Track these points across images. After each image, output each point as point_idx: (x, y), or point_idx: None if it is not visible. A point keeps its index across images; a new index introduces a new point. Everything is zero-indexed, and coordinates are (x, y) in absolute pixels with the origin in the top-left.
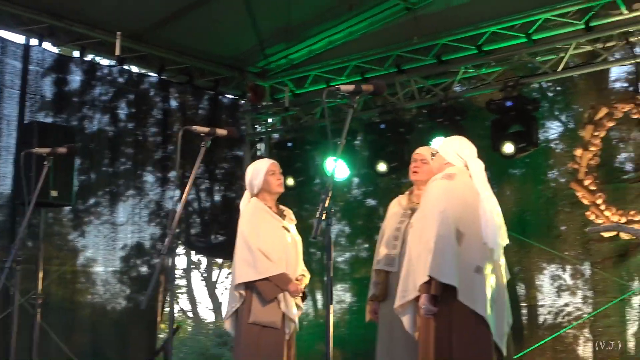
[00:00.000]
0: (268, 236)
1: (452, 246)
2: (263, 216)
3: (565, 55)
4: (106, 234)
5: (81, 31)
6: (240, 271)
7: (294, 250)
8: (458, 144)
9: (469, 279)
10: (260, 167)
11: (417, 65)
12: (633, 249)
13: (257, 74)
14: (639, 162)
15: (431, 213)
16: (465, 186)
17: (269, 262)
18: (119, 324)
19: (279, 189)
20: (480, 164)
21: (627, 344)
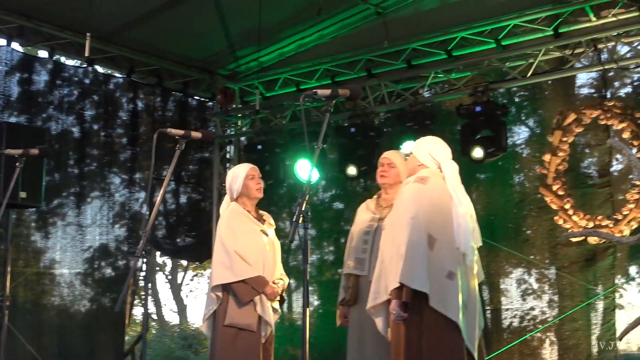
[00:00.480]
0: (245, 239)
1: (424, 252)
2: (241, 219)
3: (534, 61)
4: (71, 236)
5: (50, 32)
6: (217, 273)
7: (272, 254)
8: (432, 145)
9: (441, 285)
10: (240, 171)
11: (387, 70)
12: (600, 254)
13: (227, 77)
14: (606, 168)
15: (403, 217)
16: (438, 190)
17: (246, 264)
18: (85, 326)
19: (258, 193)
20: (454, 166)
21: (592, 348)
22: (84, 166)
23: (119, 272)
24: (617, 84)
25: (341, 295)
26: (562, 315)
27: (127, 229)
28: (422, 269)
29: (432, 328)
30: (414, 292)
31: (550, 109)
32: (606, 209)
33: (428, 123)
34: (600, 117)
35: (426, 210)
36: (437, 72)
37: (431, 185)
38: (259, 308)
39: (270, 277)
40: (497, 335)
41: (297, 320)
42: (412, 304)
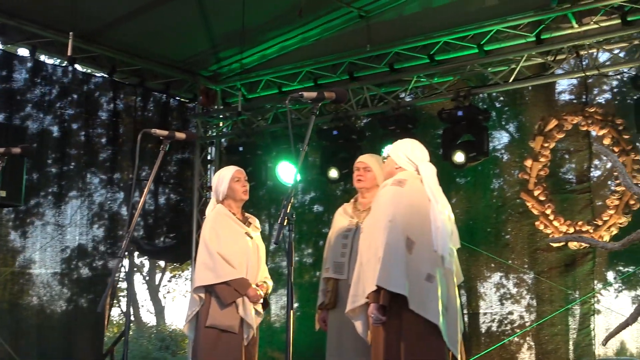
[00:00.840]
0: (228, 241)
1: (402, 255)
2: (225, 222)
3: (516, 66)
4: (49, 236)
5: (32, 30)
6: (200, 274)
7: (255, 257)
8: (410, 147)
9: (420, 287)
10: (225, 174)
11: (369, 73)
12: (580, 259)
13: (209, 78)
14: (586, 174)
15: (381, 220)
16: (415, 192)
17: (229, 266)
18: (64, 327)
19: (244, 196)
20: (431, 168)
21: (570, 353)
22: (63, 166)
23: (97, 273)
24: (597, 90)
25: (320, 299)
26: (541, 320)
27: (106, 230)
28: (400, 272)
29: (411, 331)
30: (393, 295)
31: (531, 114)
32: (586, 215)
33: (410, 127)
34: (581, 124)
35: (404, 213)
36: (419, 76)
37: (409, 188)
38: (241, 310)
39: (254, 280)
40: (476, 340)
41: (275, 322)
42: (391, 307)
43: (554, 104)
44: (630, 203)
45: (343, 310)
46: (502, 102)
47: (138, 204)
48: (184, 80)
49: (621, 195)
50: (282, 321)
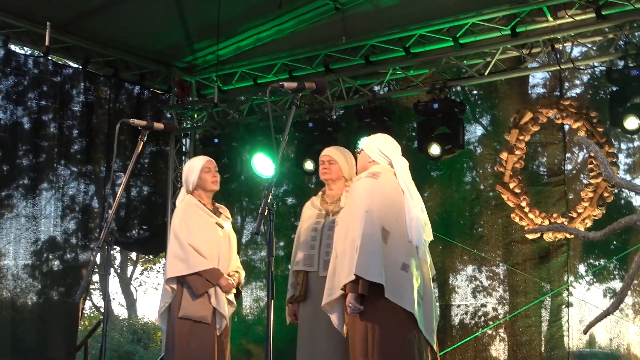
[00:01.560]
0: (199, 232)
1: (378, 245)
2: (195, 212)
3: (491, 59)
4: (19, 228)
5: (6, 20)
6: (171, 266)
7: (227, 247)
8: (382, 142)
9: (396, 277)
10: (196, 164)
11: (345, 65)
12: (554, 251)
13: (183, 69)
14: (560, 166)
15: (356, 211)
16: (390, 184)
17: (200, 257)
18: (36, 319)
19: (214, 186)
20: (404, 162)
21: (544, 344)
22: (34, 158)
23: (69, 265)
24: (572, 83)
25: (290, 293)
26: (515, 311)
27: (78, 222)
28: (377, 261)
29: (388, 320)
30: (370, 284)
31: (505, 108)
32: (561, 207)
33: (385, 119)
34: (556, 117)
35: (379, 204)
36: (395, 69)
37: (383, 180)
38: (213, 300)
39: (225, 270)
40: (449, 332)
41: (248, 315)
42: (368, 296)
43: (527, 97)
44: (604, 195)
45: (314, 303)
46: (476, 96)
47: (113, 195)
48: (159, 72)
49: (595, 188)
50: (256, 313)
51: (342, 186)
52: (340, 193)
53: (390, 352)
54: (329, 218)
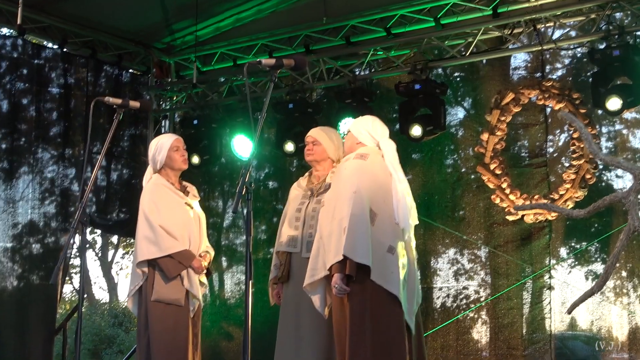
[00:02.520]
0: (169, 213)
1: (366, 226)
2: (164, 192)
3: (473, 40)
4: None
5: None
6: (142, 248)
7: (197, 227)
8: (371, 124)
9: (382, 259)
10: (164, 142)
11: (325, 46)
12: (536, 233)
13: (162, 50)
14: (542, 148)
15: (345, 192)
16: (378, 166)
17: (172, 239)
18: (15, 303)
19: (183, 165)
20: (392, 144)
21: (526, 326)
22: (13, 141)
23: (49, 249)
24: (553, 64)
25: (272, 274)
26: (497, 294)
27: (57, 206)
28: (365, 243)
29: (375, 302)
30: (357, 265)
31: (486, 89)
32: (542, 189)
33: (367, 100)
34: (538, 97)
35: (367, 186)
36: (376, 50)
37: (371, 162)
38: (186, 282)
39: (196, 251)
40: (431, 314)
41: (230, 298)
42: (355, 277)
43: (509, 78)
44: (586, 177)
45: (296, 284)
46: (457, 78)
47: (90, 177)
48: (137, 52)
49: (577, 170)
50: (237, 297)
51: (328, 167)
52: (327, 173)
53: (379, 335)
54: (314, 198)
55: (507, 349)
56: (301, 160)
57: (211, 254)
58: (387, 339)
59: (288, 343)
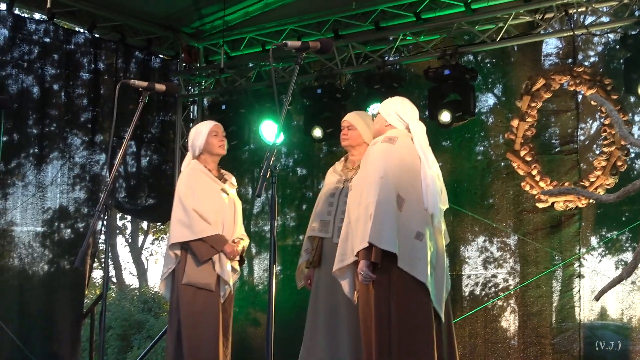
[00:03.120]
0: (204, 197)
1: (393, 212)
2: (200, 177)
3: (503, 25)
4: (30, 197)
5: None
6: (175, 231)
7: (231, 213)
8: (400, 105)
9: (410, 246)
10: (203, 128)
11: (354, 31)
12: (566, 220)
13: (191, 35)
14: (573, 134)
15: (371, 177)
16: (406, 150)
17: (205, 223)
18: (45, 287)
19: (221, 150)
20: (421, 127)
21: (555, 315)
22: (43, 127)
23: (78, 234)
24: (585, 50)
25: (303, 258)
26: (525, 282)
27: (87, 191)
28: (391, 229)
29: (400, 289)
30: (383, 252)
31: (517, 75)
32: (573, 176)
33: (395, 86)
34: (569, 83)
35: (395, 170)
36: (405, 35)
37: (400, 145)
38: (217, 267)
39: (230, 237)
40: (459, 302)
41: (258, 284)
42: (380, 264)
43: (540, 65)
44: (617, 164)
45: (327, 269)
46: (487, 64)
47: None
48: (166, 37)
49: (608, 156)
50: (265, 283)
51: (363, 151)
52: (362, 159)
53: (405, 323)
54: (348, 184)
55: (536, 337)
56: (330, 146)
57: (246, 241)
58: (413, 328)
59: (321, 327)
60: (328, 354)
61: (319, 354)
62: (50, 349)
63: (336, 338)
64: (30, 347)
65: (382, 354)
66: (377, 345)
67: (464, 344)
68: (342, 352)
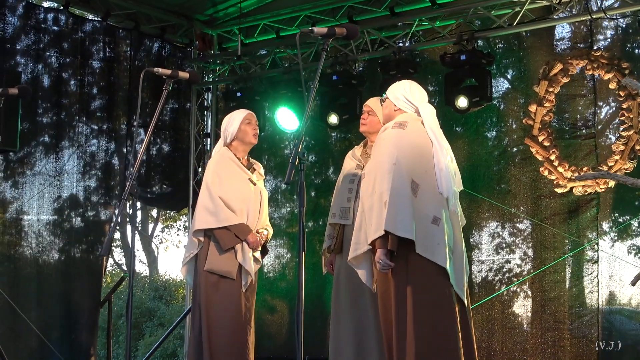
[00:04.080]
0: (231, 186)
1: (408, 198)
2: (228, 165)
3: (520, 9)
4: (40, 186)
5: None
6: (200, 218)
7: (257, 203)
8: (408, 89)
9: (427, 231)
10: (237, 116)
11: (369, 17)
12: (583, 206)
13: (205, 22)
14: (591, 119)
15: (384, 164)
16: (417, 134)
17: (230, 211)
18: (60, 276)
19: (253, 139)
20: (431, 109)
21: (573, 300)
22: (54, 115)
23: (89, 223)
24: (603, 34)
25: (326, 243)
26: (543, 267)
27: (98, 180)
28: (407, 216)
29: (419, 275)
30: (399, 239)
31: (532, 60)
32: (591, 160)
33: (411, 72)
34: (587, 67)
35: (407, 156)
36: (421, 20)
37: (411, 130)
38: (239, 256)
39: (254, 227)
40: (474, 288)
41: (270, 271)
42: (398, 252)
43: (555, 49)
44: (636, 148)
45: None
46: (501, 49)
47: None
48: (180, 25)
49: (627, 141)
50: (277, 270)
51: None
52: None
53: (426, 310)
54: None
55: (554, 323)
56: (343, 133)
57: (270, 232)
58: (434, 313)
59: (344, 319)
60: (353, 350)
61: (345, 352)
62: (68, 336)
63: (360, 331)
64: (49, 335)
65: (402, 343)
66: (397, 333)
67: (482, 329)
68: (367, 344)
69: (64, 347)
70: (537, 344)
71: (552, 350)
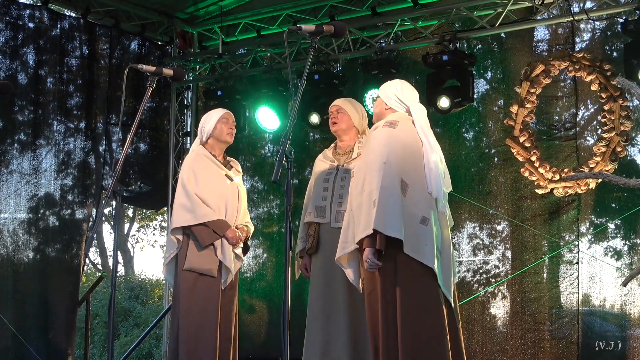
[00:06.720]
0: (207, 182)
1: (397, 198)
2: (203, 162)
3: (502, 10)
4: (15, 184)
5: None
6: (177, 216)
7: (235, 199)
8: (400, 88)
9: (415, 231)
10: (214, 114)
11: (351, 17)
12: (564, 207)
13: (185, 20)
14: (572, 121)
15: (374, 163)
16: (408, 134)
17: (207, 207)
18: (36, 276)
19: (228, 138)
20: (422, 109)
21: (553, 301)
22: (30, 113)
23: (64, 222)
24: (585, 35)
25: (300, 246)
26: (523, 268)
27: (73, 178)
28: (395, 215)
29: (406, 275)
30: (388, 239)
31: (513, 61)
32: (572, 162)
33: (393, 72)
34: (569, 69)
35: (398, 155)
36: (403, 20)
37: (401, 129)
38: (219, 253)
39: (233, 223)
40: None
41: (247, 271)
42: (386, 251)
43: (537, 50)
44: (617, 150)
45: (326, 254)
46: (481, 50)
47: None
48: (160, 23)
49: (608, 142)
50: (254, 270)
51: (354, 137)
52: (353, 144)
53: (414, 310)
54: (342, 168)
55: (534, 324)
56: (322, 133)
57: (250, 228)
58: (421, 314)
59: (320, 314)
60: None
61: (312, 349)
62: (45, 336)
63: (330, 330)
64: (26, 334)
65: (389, 343)
66: (384, 333)
67: (462, 330)
68: (336, 344)
69: (41, 347)
70: (517, 344)
71: (532, 351)
